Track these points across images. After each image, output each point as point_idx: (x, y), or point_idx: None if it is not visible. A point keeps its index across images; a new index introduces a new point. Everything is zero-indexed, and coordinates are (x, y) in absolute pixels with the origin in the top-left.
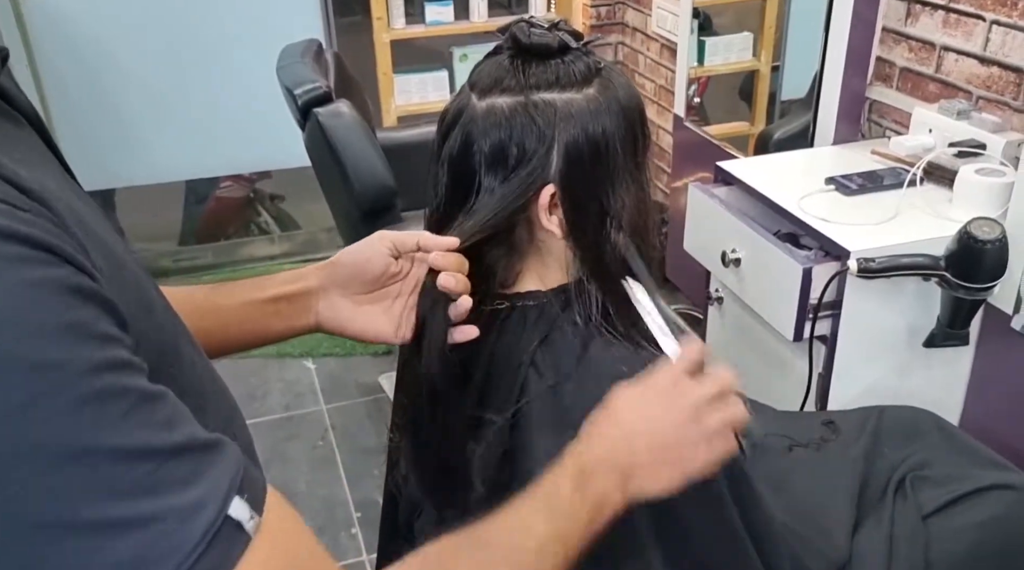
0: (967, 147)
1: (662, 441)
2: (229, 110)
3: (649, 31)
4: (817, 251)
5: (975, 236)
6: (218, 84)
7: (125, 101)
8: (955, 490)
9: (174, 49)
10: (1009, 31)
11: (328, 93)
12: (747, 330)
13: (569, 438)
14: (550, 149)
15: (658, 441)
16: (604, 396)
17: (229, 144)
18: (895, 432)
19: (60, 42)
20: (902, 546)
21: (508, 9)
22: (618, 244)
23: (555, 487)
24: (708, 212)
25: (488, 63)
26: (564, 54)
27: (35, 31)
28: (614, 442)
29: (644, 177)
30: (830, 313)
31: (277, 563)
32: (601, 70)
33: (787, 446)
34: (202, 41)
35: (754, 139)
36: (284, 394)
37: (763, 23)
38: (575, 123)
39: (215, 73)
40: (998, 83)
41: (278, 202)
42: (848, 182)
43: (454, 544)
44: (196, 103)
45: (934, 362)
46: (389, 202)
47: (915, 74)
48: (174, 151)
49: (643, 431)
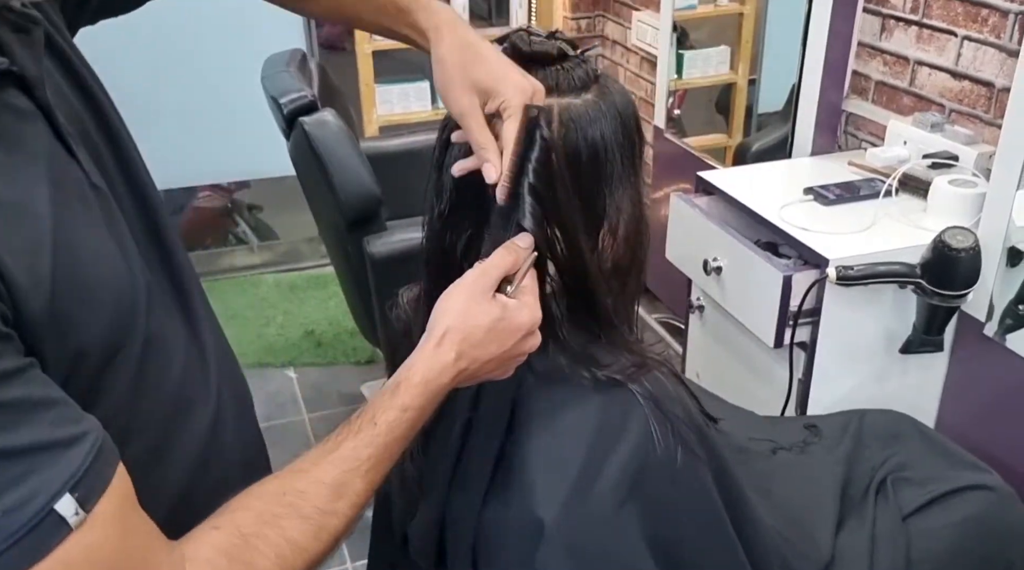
0: (940, 159)
1: (488, 368)
2: (207, 119)
3: (629, 44)
4: (796, 259)
5: (949, 245)
6: (196, 93)
7: None
8: (934, 491)
9: (152, 58)
10: (980, 46)
11: (313, 102)
12: (728, 337)
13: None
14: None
15: (484, 369)
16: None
17: (207, 153)
18: (876, 435)
19: None
20: (883, 546)
21: (489, 21)
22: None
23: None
24: (690, 221)
25: None
26: (563, 61)
27: None
28: (454, 376)
29: (639, 182)
30: (809, 320)
31: (98, 555)
32: (599, 77)
33: (771, 450)
34: (180, 51)
35: (732, 151)
36: (266, 404)
37: (740, 37)
38: (574, 128)
39: (194, 82)
40: (970, 97)
41: (256, 212)
42: (826, 192)
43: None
44: (173, 112)
45: (910, 368)
46: (374, 211)
47: (890, 87)
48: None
49: (476, 369)
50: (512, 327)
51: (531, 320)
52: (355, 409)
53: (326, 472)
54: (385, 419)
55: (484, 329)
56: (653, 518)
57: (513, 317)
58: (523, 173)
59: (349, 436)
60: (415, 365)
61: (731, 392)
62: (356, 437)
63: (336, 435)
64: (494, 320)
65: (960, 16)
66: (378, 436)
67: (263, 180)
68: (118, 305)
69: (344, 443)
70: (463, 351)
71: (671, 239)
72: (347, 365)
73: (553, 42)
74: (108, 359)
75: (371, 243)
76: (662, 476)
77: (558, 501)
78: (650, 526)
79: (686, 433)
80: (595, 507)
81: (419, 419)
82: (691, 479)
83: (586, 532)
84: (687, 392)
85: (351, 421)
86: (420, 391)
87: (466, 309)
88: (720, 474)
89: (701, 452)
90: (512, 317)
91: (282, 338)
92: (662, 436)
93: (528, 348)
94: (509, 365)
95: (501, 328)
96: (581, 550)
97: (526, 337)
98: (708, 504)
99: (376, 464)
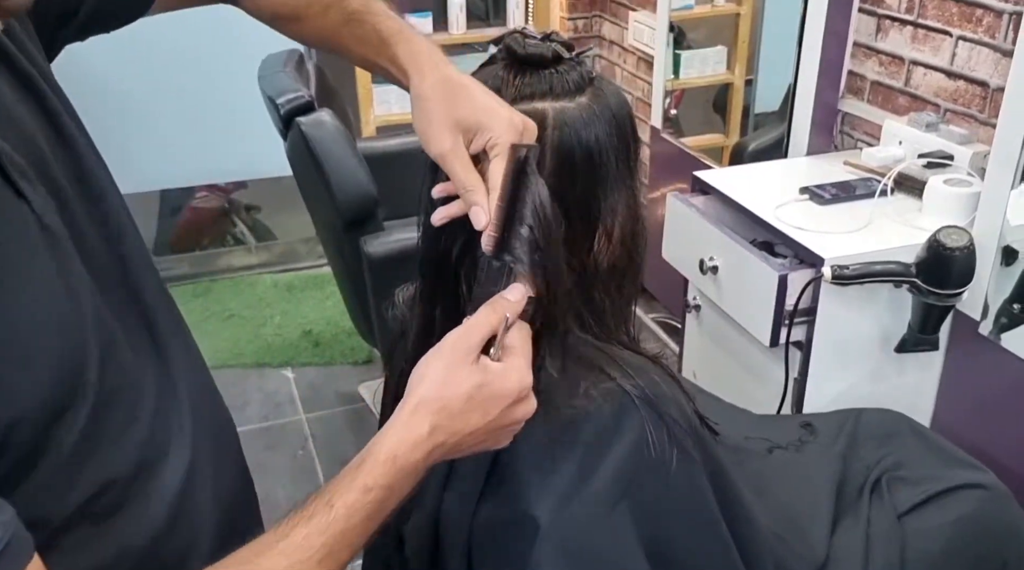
0: (936, 158)
1: (472, 440)
2: (205, 119)
3: (626, 44)
4: (792, 259)
5: (944, 244)
6: (194, 93)
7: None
8: (929, 490)
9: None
10: (975, 46)
11: (311, 102)
12: (724, 336)
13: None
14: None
15: (469, 441)
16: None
17: (204, 154)
18: (871, 434)
19: None
20: (878, 545)
21: (486, 22)
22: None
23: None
24: (686, 221)
25: (483, 73)
26: (557, 64)
27: None
28: (429, 452)
29: (635, 184)
30: (805, 319)
31: None
32: (593, 79)
33: (767, 448)
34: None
35: (728, 151)
36: (263, 404)
37: (736, 38)
38: (568, 131)
39: (191, 82)
40: (964, 96)
41: (254, 213)
42: (822, 192)
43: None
44: (171, 112)
45: (906, 367)
46: (371, 211)
47: (885, 87)
48: (149, 160)
49: (458, 442)
50: (496, 394)
51: (518, 386)
52: (353, 409)
53: (273, 563)
54: (344, 502)
55: (463, 398)
56: (647, 518)
57: (496, 383)
58: (512, 219)
59: (301, 522)
60: (384, 438)
61: (727, 391)
62: (309, 523)
63: (288, 519)
64: (474, 387)
65: (955, 16)
66: (334, 522)
67: (261, 180)
68: (62, 365)
69: (295, 530)
70: (439, 423)
71: (667, 239)
72: (345, 365)
73: (548, 44)
74: (50, 422)
75: (368, 243)
76: (656, 477)
77: (553, 500)
78: (644, 526)
79: (681, 434)
80: (589, 506)
81: (388, 499)
82: (685, 480)
83: (580, 532)
84: (683, 393)
85: (306, 502)
86: (387, 469)
87: (444, 375)
88: (715, 474)
89: (696, 453)
90: (495, 383)
91: (280, 338)
92: (657, 437)
93: (521, 416)
94: (500, 435)
95: (484, 396)
96: (575, 549)
97: (515, 404)
98: (702, 505)
99: (331, 553)
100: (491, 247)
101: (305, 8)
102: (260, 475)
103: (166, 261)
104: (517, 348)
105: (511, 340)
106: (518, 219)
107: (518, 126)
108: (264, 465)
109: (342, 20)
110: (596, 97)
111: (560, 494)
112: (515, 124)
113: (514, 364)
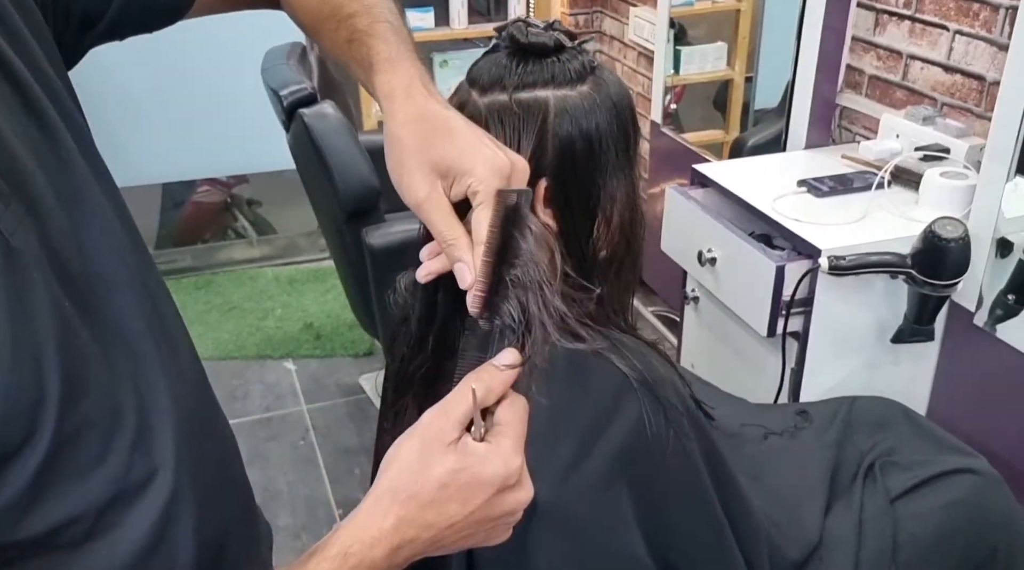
0: (932, 151)
1: (454, 535)
2: (206, 113)
3: (626, 39)
4: (790, 250)
5: (939, 234)
6: (196, 87)
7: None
8: (921, 474)
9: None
10: (971, 41)
11: (313, 94)
12: (722, 327)
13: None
14: (546, 143)
15: (450, 535)
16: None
17: (206, 147)
18: (865, 421)
19: None
20: (870, 529)
21: (488, 17)
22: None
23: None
24: (685, 214)
25: (486, 61)
26: (560, 53)
27: None
28: (394, 549)
29: (635, 173)
30: (802, 310)
31: None
32: (595, 68)
33: (762, 435)
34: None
35: (728, 147)
36: (264, 395)
37: (736, 34)
38: (569, 119)
39: (193, 76)
40: (961, 90)
41: (255, 207)
42: (819, 185)
43: None
44: (173, 106)
45: (902, 357)
46: (373, 202)
47: (883, 82)
48: (151, 154)
49: (434, 537)
50: (475, 481)
51: (504, 471)
52: (353, 400)
53: None
54: None
55: (435, 485)
56: (642, 499)
57: (476, 467)
58: (502, 276)
59: None
60: (341, 529)
61: (725, 382)
62: None
63: None
64: (448, 472)
65: (952, 10)
66: None
67: (262, 174)
68: (7, 408)
69: None
70: (406, 516)
71: (666, 231)
72: (346, 357)
73: (550, 33)
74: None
75: (370, 234)
76: (652, 458)
77: (551, 480)
78: (639, 507)
79: (677, 417)
80: (587, 485)
81: None
82: (681, 462)
83: (577, 511)
84: (679, 377)
85: None
86: (335, 565)
87: (416, 459)
88: (710, 457)
89: (692, 435)
90: (474, 467)
91: (281, 331)
92: (654, 419)
93: (513, 506)
94: (493, 530)
95: (461, 483)
96: (572, 528)
97: (503, 493)
98: (697, 487)
99: None
100: (477, 308)
101: (323, 22)
102: (262, 465)
103: (167, 254)
104: (506, 426)
105: (501, 416)
106: (508, 277)
107: (503, 168)
108: (265, 455)
109: (347, 38)
110: (597, 86)
111: (558, 473)
112: (500, 166)
113: (500, 446)
